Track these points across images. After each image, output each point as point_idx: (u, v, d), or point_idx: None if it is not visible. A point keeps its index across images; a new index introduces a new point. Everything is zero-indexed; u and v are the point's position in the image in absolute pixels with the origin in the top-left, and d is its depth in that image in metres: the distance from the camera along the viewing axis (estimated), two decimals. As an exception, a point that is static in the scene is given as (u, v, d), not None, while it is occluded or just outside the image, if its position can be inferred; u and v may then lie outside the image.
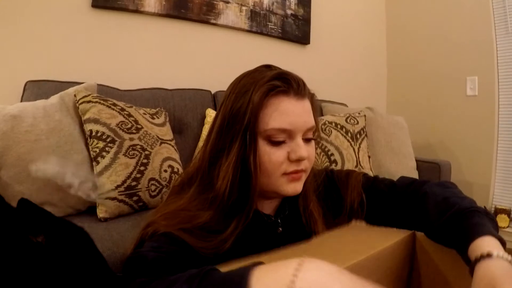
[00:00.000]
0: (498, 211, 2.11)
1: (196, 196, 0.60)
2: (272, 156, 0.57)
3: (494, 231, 0.48)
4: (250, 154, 0.56)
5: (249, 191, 0.57)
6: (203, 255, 0.52)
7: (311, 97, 0.63)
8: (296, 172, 0.58)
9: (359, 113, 1.89)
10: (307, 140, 0.60)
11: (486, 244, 0.45)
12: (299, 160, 0.57)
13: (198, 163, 0.63)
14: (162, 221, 0.54)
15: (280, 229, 0.64)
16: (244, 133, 0.57)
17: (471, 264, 0.45)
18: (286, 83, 0.57)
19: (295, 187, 0.59)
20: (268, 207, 0.65)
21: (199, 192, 0.60)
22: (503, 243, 0.46)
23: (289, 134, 0.58)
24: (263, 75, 0.58)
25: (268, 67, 0.62)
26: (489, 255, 0.43)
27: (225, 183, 0.57)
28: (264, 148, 0.57)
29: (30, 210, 0.41)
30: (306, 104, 0.60)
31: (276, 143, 0.57)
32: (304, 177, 0.61)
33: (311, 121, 0.60)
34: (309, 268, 0.32)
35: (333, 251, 0.43)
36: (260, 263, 0.36)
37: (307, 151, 0.58)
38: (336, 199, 0.70)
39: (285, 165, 0.58)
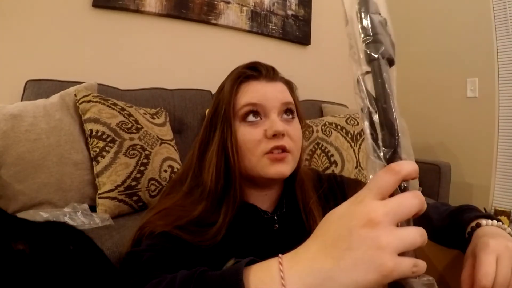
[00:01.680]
0: (498, 213, 2.10)
1: (189, 191, 0.61)
2: (249, 135, 0.58)
3: (486, 214, 0.53)
4: (227, 138, 0.58)
5: (231, 175, 0.59)
6: (202, 248, 0.53)
7: (288, 84, 0.66)
8: (277, 148, 0.58)
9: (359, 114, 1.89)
10: (287, 119, 0.62)
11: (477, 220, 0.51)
12: (276, 136, 0.58)
13: (189, 161, 0.65)
14: (158, 220, 0.55)
15: (277, 225, 0.64)
16: (222, 120, 0.59)
17: (466, 240, 0.48)
18: (255, 70, 0.61)
19: (279, 169, 0.58)
20: (264, 202, 0.65)
21: (192, 187, 0.62)
22: (493, 219, 0.50)
23: (262, 111, 0.59)
24: (237, 68, 0.63)
25: (251, 62, 0.65)
26: (478, 225, 0.49)
27: (211, 172, 0.59)
28: (240, 129, 0.59)
29: (6, 219, 0.40)
30: (278, 85, 0.62)
31: (252, 122, 0.59)
32: (290, 158, 0.60)
33: (284, 97, 0.61)
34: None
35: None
36: (253, 260, 0.36)
37: (284, 127, 0.59)
38: (341, 202, 0.69)
39: (264, 143, 0.58)
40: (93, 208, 1.11)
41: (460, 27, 2.30)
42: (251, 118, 0.59)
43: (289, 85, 0.66)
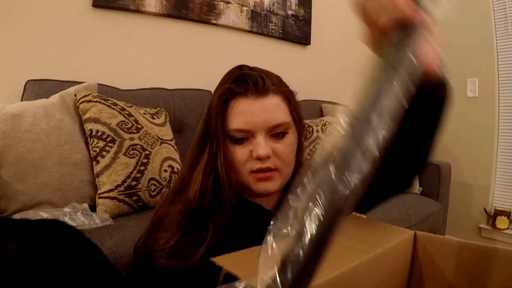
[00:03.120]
0: (498, 213, 2.10)
1: (174, 203, 0.62)
2: (236, 154, 0.59)
3: None
4: (217, 156, 0.59)
5: (220, 192, 0.58)
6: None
7: (285, 94, 0.63)
8: (262, 170, 0.59)
9: (359, 114, 1.89)
10: (276, 137, 0.61)
11: None
12: (260, 159, 0.58)
13: (182, 170, 0.66)
14: (153, 243, 0.57)
15: None
16: (212, 138, 0.60)
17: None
18: (241, 85, 0.59)
19: (264, 187, 0.60)
20: (267, 203, 0.66)
21: (178, 201, 0.62)
22: None
23: (250, 133, 0.59)
24: (225, 79, 0.62)
25: (240, 68, 0.63)
26: None
27: (195, 189, 0.59)
28: (229, 147, 0.60)
29: None
30: (267, 102, 0.60)
31: (239, 142, 0.60)
32: (276, 176, 0.60)
33: (274, 119, 0.60)
34: None
35: (336, 246, 0.43)
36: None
37: (269, 148, 0.59)
38: None
39: (250, 163, 0.59)
40: (93, 208, 1.11)
41: (460, 27, 2.30)
42: (238, 140, 0.60)
43: (285, 95, 0.63)
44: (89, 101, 1.21)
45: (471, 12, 2.24)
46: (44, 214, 0.98)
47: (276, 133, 0.61)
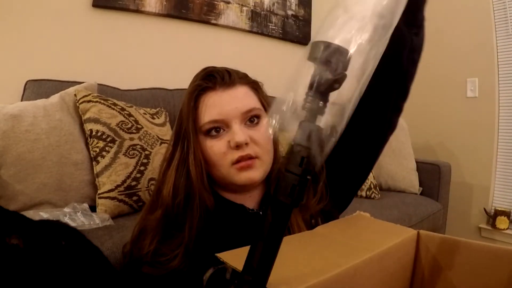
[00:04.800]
0: (498, 213, 2.10)
1: (151, 209, 0.63)
2: (214, 148, 0.60)
3: None
4: (188, 153, 0.59)
5: (192, 190, 0.59)
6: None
7: (252, 85, 0.65)
8: (243, 159, 0.59)
9: (359, 114, 1.89)
10: (251, 125, 0.62)
11: None
12: (239, 146, 0.58)
13: (158, 176, 0.66)
14: (140, 254, 0.58)
15: None
16: (183, 137, 0.61)
17: None
18: (209, 80, 0.61)
19: (247, 176, 0.60)
20: (251, 201, 0.66)
21: (156, 206, 0.63)
22: None
23: (224, 123, 0.60)
24: (193, 80, 0.64)
25: (206, 68, 0.66)
26: None
27: (169, 188, 0.59)
28: (205, 143, 0.60)
29: (1, 213, 0.40)
30: (236, 92, 0.62)
31: (215, 136, 0.60)
32: (258, 163, 0.61)
33: (245, 105, 0.61)
34: None
35: (339, 244, 0.43)
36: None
37: (246, 135, 0.59)
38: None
39: (230, 154, 0.59)
40: (93, 208, 1.11)
41: (460, 27, 2.30)
42: (213, 132, 0.60)
43: (251, 85, 0.65)
44: (89, 101, 1.21)
45: (471, 12, 2.24)
46: (44, 214, 0.98)
47: (250, 120, 0.62)
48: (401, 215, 1.60)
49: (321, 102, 0.26)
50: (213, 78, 0.62)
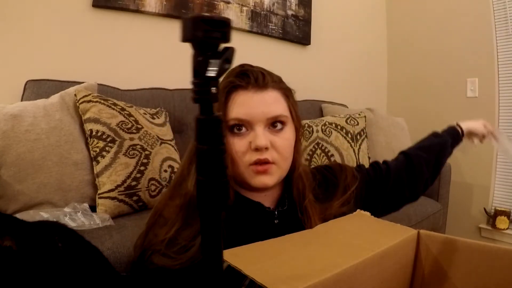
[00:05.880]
0: (498, 213, 2.10)
1: (172, 197, 0.64)
2: (236, 146, 0.61)
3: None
4: None
5: None
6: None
7: (284, 91, 0.66)
8: (260, 163, 0.60)
9: (359, 114, 1.89)
10: (274, 130, 0.63)
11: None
12: (258, 149, 0.60)
13: (182, 164, 0.67)
14: (156, 240, 0.58)
15: (276, 221, 0.66)
16: None
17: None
18: (242, 78, 0.62)
19: (261, 180, 0.61)
20: (267, 200, 0.67)
21: (178, 194, 0.63)
22: None
23: (248, 124, 0.61)
24: (227, 75, 0.64)
25: (242, 66, 0.66)
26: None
27: (193, 180, 0.60)
28: (229, 139, 0.61)
29: None
30: (267, 95, 0.63)
31: (238, 134, 0.61)
32: (274, 169, 0.62)
33: (272, 111, 0.62)
34: None
35: (339, 244, 0.43)
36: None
37: (268, 139, 0.60)
38: (332, 188, 0.73)
39: (248, 155, 0.61)
40: (93, 208, 1.11)
41: (460, 27, 2.30)
42: (235, 130, 0.62)
43: (284, 91, 0.66)
44: (89, 101, 1.21)
45: (471, 12, 2.24)
46: (44, 214, 0.98)
47: (274, 126, 0.63)
48: (401, 215, 1.60)
49: None
50: (246, 78, 0.63)
